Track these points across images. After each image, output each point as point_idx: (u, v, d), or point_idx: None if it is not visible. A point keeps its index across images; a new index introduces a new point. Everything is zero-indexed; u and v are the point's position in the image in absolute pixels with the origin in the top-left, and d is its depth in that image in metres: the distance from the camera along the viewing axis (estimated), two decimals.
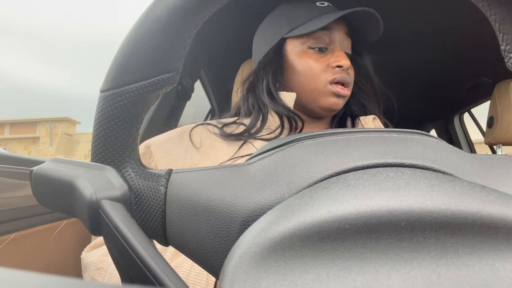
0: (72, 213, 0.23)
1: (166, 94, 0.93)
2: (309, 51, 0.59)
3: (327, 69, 0.58)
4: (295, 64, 0.60)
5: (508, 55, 0.22)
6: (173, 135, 0.57)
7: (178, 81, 0.35)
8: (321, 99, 0.59)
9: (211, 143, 0.57)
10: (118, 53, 0.22)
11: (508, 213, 0.14)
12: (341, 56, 0.58)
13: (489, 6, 0.21)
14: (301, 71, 0.59)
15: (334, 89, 0.57)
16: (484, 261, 0.14)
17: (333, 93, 0.58)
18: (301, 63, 0.59)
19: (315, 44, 0.59)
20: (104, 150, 0.23)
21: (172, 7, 0.21)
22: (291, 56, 0.60)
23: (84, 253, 0.48)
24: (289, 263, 0.14)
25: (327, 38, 0.59)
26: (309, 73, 0.59)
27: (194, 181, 0.22)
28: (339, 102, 0.59)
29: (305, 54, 0.59)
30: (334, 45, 0.60)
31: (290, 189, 0.19)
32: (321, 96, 0.58)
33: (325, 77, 0.58)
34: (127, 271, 0.21)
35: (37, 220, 0.58)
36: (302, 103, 0.61)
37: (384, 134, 0.22)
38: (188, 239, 0.21)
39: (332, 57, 0.59)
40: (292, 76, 0.60)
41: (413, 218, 0.14)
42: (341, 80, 0.58)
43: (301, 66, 0.59)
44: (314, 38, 0.59)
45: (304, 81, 0.59)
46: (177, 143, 0.56)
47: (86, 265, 0.47)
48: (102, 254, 0.46)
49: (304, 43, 0.59)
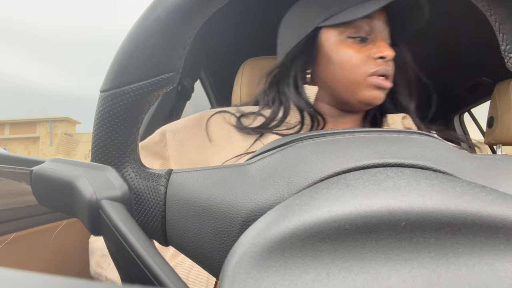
0: (72, 213, 0.23)
1: (166, 94, 0.93)
2: (348, 41, 0.55)
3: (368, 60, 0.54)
4: (332, 54, 0.55)
5: (508, 55, 0.22)
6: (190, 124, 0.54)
7: (178, 81, 0.35)
8: (360, 92, 0.54)
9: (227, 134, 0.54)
10: (118, 53, 0.22)
11: (508, 213, 0.14)
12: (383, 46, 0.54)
13: (489, 6, 0.21)
14: (339, 62, 0.54)
15: (375, 81, 0.53)
16: (484, 261, 0.14)
17: (374, 86, 0.54)
18: (339, 54, 0.54)
19: (355, 33, 0.54)
20: (104, 150, 0.23)
21: (172, 7, 0.21)
22: (327, 46, 0.55)
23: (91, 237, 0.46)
24: (289, 263, 0.14)
25: (367, 27, 0.54)
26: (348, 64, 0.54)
27: (194, 181, 0.22)
28: (381, 96, 0.55)
29: (343, 44, 0.55)
30: (375, 35, 0.55)
31: (290, 189, 0.19)
32: (360, 89, 0.54)
33: (366, 69, 0.53)
34: (127, 271, 0.21)
35: (37, 220, 0.58)
36: (337, 96, 0.57)
37: (384, 134, 0.22)
38: (188, 239, 0.21)
39: (373, 47, 0.54)
40: (328, 68, 0.56)
41: (413, 218, 0.14)
42: (384, 73, 0.54)
43: (339, 57, 0.54)
44: (354, 27, 0.54)
45: (341, 73, 0.55)
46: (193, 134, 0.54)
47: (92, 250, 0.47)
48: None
49: (342, 32, 0.55)
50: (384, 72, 0.54)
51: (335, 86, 0.56)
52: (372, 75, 0.53)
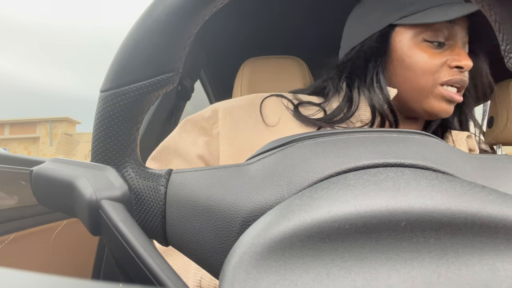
0: (72, 213, 0.23)
1: (166, 94, 0.93)
2: (424, 44, 0.50)
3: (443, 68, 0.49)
4: (404, 56, 0.51)
5: (508, 55, 0.22)
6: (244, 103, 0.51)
7: (178, 81, 0.35)
8: (428, 101, 0.50)
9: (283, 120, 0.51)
10: (118, 53, 0.22)
11: (508, 213, 0.14)
12: (462, 55, 0.49)
13: (489, 6, 0.21)
14: (411, 66, 0.50)
15: (446, 92, 0.49)
16: (484, 261, 0.14)
17: (444, 97, 0.50)
18: (413, 57, 0.50)
19: (432, 37, 0.50)
20: (104, 150, 0.23)
21: (172, 7, 0.21)
22: (400, 47, 0.51)
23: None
24: (289, 263, 0.14)
25: (446, 32, 0.50)
26: (420, 69, 0.50)
27: (194, 181, 0.22)
28: (449, 109, 0.50)
29: (418, 47, 0.50)
30: (454, 41, 0.50)
31: (290, 189, 0.19)
32: (429, 97, 0.50)
33: (439, 77, 0.49)
34: (127, 271, 0.21)
35: (37, 220, 0.58)
36: (402, 101, 0.53)
37: (384, 134, 0.22)
38: (188, 239, 0.21)
39: (451, 54, 0.49)
40: (398, 70, 0.52)
41: (413, 218, 0.14)
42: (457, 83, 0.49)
43: (411, 60, 0.50)
44: (433, 30, 0.50)
45: (412, 77, 0.50)
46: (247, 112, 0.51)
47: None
48: None
49: (418, 34, 0.50)
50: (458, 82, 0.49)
51: (404, 91, 0.52)
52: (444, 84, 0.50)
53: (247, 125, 0.50)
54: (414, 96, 0.51)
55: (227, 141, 0.49)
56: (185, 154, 0.48)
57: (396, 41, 0.52)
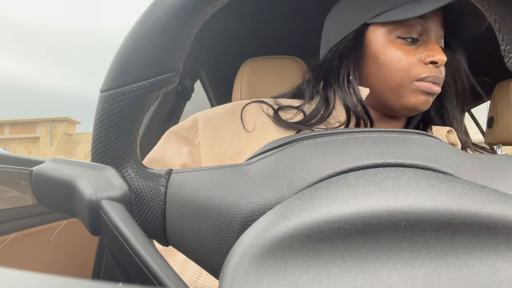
0: (72, 213, 0.23)
1: (166, 94, 0.93)
2: (397, 41, 0.51)
3: (417, 64, 0.50)
4: (379, 55, 0.51)
5: (508, 55, 0.22)
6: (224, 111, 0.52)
7: (178, 81, 0.35)
8: (406, 97, 0.51)
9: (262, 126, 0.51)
10: (118, 53, 0.22)
11: (508, 213, 0.14)
12: (436, 50, 0.49)
13: (489, 6, 0.21)
14: (386, 64, 0.51)
15: (423, 85, 0.49)
16: (484, 261, 0.14)
17: (421, 90, 0.50)
18: (387, 55, 0.51)
19: (405, 33, 0.50)
20: (104, 150, 0.23)
21: (172, 7, 0.21)
22: (374, 45, 0.52)
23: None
24: (289, 263, 0.14)
25: (420, 28, 0.50)
26: (395, 66, 0.50)
27: (194, 181, 0.22)
28: (428, 101, 0.51)
29: (392, 45, 0.51)
30: (428, 37, 0.51)
31: (290, 189, 0.19)
32: (406, 93, 0.50)
33: (414, 73, 0.50)
34: (127, 271, 0.21)
35: (37, 220, 0.58)
36: (381, 99, 0.53)
37: (384, 134, 0.22)
38: (188, 239, 0.21)
39: (425, 50, 0.50)
40: (373, 69, 0.52)
41: (413, 218, 0.14)
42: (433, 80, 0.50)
43: (386, 58, 0.51)
44: (405, 27, 0.50)
45: (387, 75, 0.51)
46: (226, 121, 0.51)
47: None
48: None
49: (391, 31, 0.51)
50: (434, 79, 0.50)
51: (380, 89, 0.52)
52: (420, 81, 0.50)
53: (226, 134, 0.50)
54: (391, 93, 0.52)
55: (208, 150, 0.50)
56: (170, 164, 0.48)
57: (370, 39, 0.52)
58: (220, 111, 0.52)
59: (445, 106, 0.57)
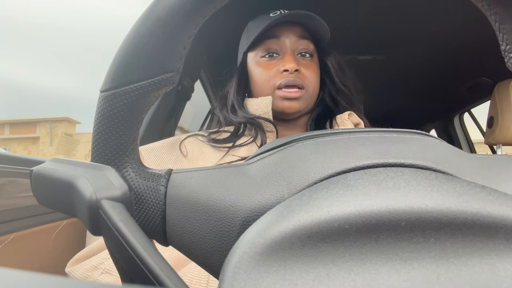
0: (72, 213, 0.23)
1: (166, 94, 0.93)
2: (261, 60, 0.64)
3: (276, 75, 0.61)
4: (252, 74, 0.65)
5: (508, 55, 0.22)
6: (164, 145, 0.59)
7: (178, 81, 0.35)
8: (275, 104, 0.62)
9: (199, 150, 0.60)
10: (118, 53, 0.22)
11: (508, 213, 0.14)
12: (287, 60, 0.60)
13: (489, 6, 0.21)
14: (256, 80, 0.64)
15: (281, 93, 0.60)
16: (484, 261, 0.14)
17: (282, 97, 0.61)
18: (255, 72, 0.64)
19: (264, 52, 0.63)
20: (104, 150, 0.23)
21: (172, 7, 0.21)
22: (250, 68, 0.65)
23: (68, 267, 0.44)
24: (289, 263, 0.14)
25: (275, 45, 0.63)
26: (260, 80, 0.63)
27: (194, 181, 0.22)
28: (292, 105, 0.61)
29: (258, 64, 0.64)
30: (284, 51, 0.63)
31: (290, 189, 0.19)
32: (275, 101, 0.62)
33: (273, 83, 0.61)
34: (127, 271, 0.21)
35: (37, 220, 0.58)
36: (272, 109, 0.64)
37: (384, 134, 0.22)
38: (188, 239, 0.21)
39: (281, 62, 0.61)
40: (253, 86, 0.65)
41: (413, 218, 0.14)
42: (287, 83, 0.60)
43: (255, 75, 0.64)
44: (264, 47, 0.63)
45: (259, 89, 0.63)
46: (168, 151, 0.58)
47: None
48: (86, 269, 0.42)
49: (257, 53, 0.64)
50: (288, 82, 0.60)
51: None
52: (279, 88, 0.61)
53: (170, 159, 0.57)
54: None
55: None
56: None
57: (249, 64, 0.66)
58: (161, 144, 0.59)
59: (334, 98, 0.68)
